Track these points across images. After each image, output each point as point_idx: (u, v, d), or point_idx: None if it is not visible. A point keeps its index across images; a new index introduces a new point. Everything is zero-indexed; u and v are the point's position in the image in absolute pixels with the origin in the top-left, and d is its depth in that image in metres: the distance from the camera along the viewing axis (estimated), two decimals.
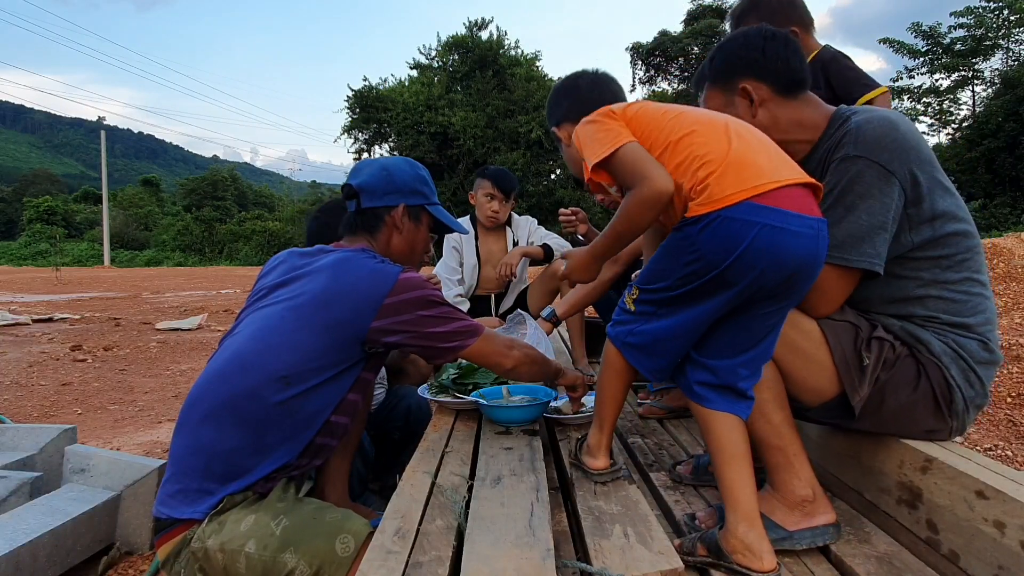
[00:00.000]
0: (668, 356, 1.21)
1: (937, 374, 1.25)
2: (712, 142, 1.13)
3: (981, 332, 1.28)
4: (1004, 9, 19.78)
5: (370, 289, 1.38)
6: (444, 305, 1.46)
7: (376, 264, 1.44)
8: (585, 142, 1.25)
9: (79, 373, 4.78)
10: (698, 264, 1.09)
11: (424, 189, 1.61)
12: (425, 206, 1.62)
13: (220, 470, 1.30)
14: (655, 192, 1.11)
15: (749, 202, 1.05)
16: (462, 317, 1.48)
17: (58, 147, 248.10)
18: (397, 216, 1.56)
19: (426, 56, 27.81)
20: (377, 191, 1.55)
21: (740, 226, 1.05)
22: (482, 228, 3.23)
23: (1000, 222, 16.81)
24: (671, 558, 1.02)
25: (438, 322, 1.44)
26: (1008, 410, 3.05)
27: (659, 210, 1.13)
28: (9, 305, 9.50)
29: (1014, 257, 6.36)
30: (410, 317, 1.40)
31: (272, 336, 1.36)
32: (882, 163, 1.22)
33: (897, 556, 1.18)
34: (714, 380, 1.17)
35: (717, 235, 1.06)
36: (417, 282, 1.43)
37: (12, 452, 2.27)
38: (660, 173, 1.12)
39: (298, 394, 1.34)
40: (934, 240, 1.26)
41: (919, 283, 1.28)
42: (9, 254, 36.61)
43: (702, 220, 1.07)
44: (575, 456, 1.44)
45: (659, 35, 27.11)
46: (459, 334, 1.47)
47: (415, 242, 1.62)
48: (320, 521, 1.25)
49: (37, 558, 1.72)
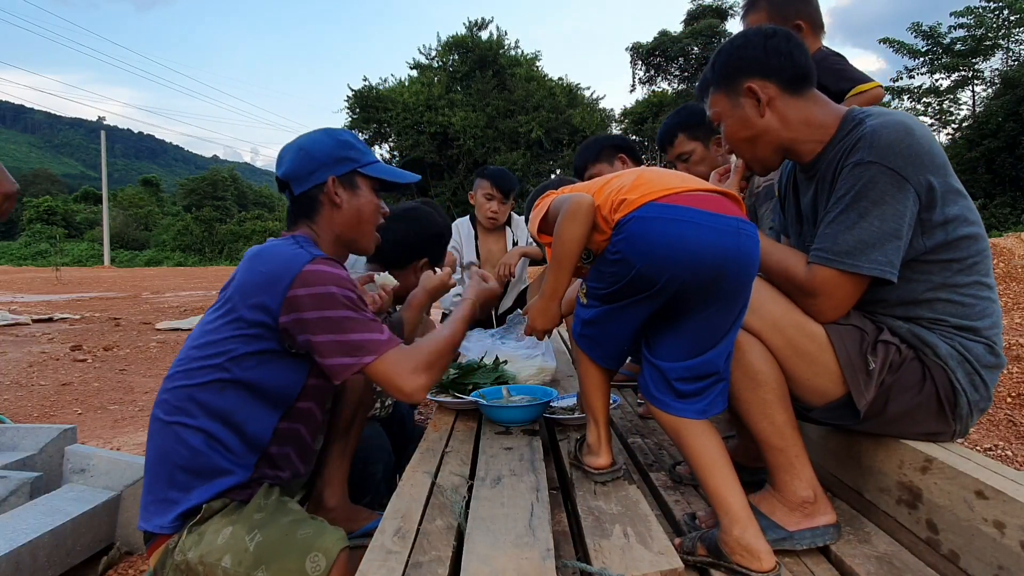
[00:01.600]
0: (612, 344, 1.32)
1: (942, 377, 1.25)
2: (620, 178, 1.27)
3: (988, 336, 1.27)
4: (1004, 9, 19.77)
5: (276, 279, 1.28)
6: (351, 309, 1.28)
7: (290, 250, 1.32)
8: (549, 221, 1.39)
9: (79, 373, 4.78)
10: (620, 264, 1.18)
11: (350, 153, 1.46)
12: (357, 169, 1.46)
13: (182, 479, 1.29)
14: (574, 203, 1.25)
15: (655, 202, 1.16)
16: (368, 328, 1.29)
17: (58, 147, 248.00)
18: (330, 191, 1.43)
19: (426, 56, 27.82)
20: (302, 174, 1.43)
21: (650, 223, 1.15)
22: (482, 228, 3.23)
23: (1000, 222, 16.81)
24: (671, 558, 1.02)
25: (336, 329, 1.26)
26: (1008, 410, 3.05)
27: (584, 221, 1.24)
28: (9, 305, 9.51)
29: (1014, 257, 6.36)
30: (311, 317, 1.26)
31: (207, 336, 1.33)
32: (896, 169, 1.20)
33: (897, 556, 1.18)
34: (663, 379, 1.22)
35: (632, 235, 1.16)
36: (326, 275, 1.27)
37: (12, 452, 2.27)
38: (576, 194, 1.28)
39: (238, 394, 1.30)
40: (946, 244, 1.25)
41: (929, 286, 1.27)
42: (9, 254, 36.61)
43: (619, 226, 1.19)
44: (575, 456, 1.45)
45: (659, 35, 27.07)
46: (358, 349, 1.26)
47: (360, 210, 1.46)
48: (291, 538, 1.21)
49: (37, 558, 1.72)
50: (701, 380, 1.20)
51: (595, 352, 1.36)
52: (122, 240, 36.35)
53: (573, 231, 1.26)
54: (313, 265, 1.28)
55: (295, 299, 1.26)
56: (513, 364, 2.21)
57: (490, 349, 2.34)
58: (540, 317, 1.50)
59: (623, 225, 1.18)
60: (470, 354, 2.33)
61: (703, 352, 1.19)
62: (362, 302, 1.32)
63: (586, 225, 1.25)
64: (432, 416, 1.92)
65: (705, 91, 1.47)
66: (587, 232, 1.26)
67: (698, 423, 1.19)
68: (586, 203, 1.25)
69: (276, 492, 1.35)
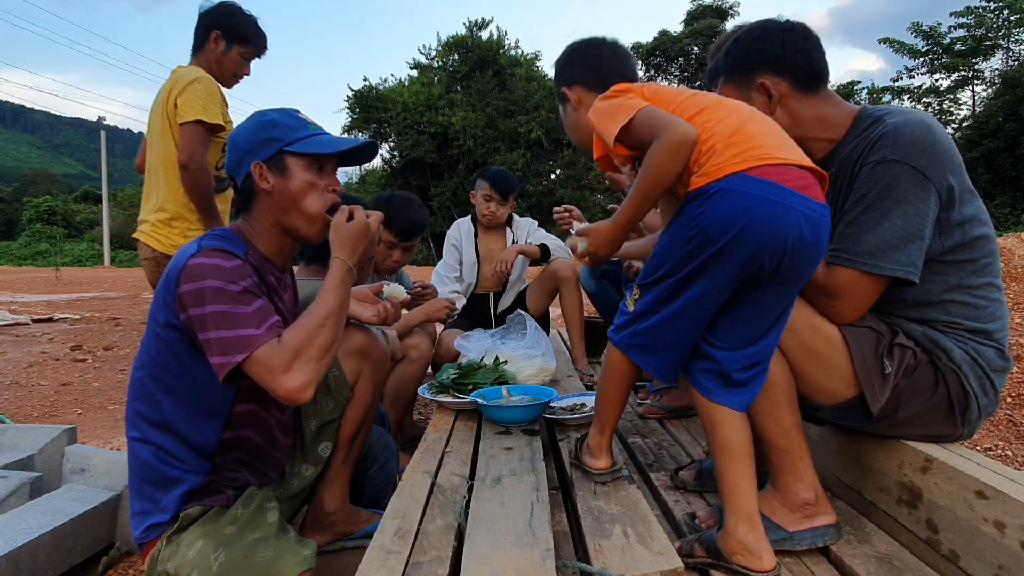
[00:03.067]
0: (673, 351, 1.18)
1: (955, 382, 1.24)
2: (722, 121, 1.11)
3: (998, 339, 1.27)
4: (1004, 9, 19.77)
5: (171, 277, 1.23)
6: (226, 302, 1.18)
7: (188, 245, 1.26)
8: (602, 117, 1.22)
9: (79, 373, 4.78)
10: (697, 240, 1.07)
11: (273, 133, 1.34)
12: (282, 149, 1.34)
13: (147, 491, 1.31)
14: (679, 135, 1.08)
15: (745, 174, 1.04)
16: (243, 322, 1.18)
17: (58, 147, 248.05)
18: (255, 178, 1.33)
19: (426, 56, 27.80)
20: (232, 166, 1.37)
21: (739, 199, 1.04)
22: (482, 227, 3.24)
23: (1000, 222, 16.82)
24: (671, 558, 1.02)
25: (212, 325, 1.17)
26: (1008, 410, 3.05)
27: (685, 155, 1.09)
28: (9, 305, 9.50)
29: (1014, 257, 6.35)
30: (194, 314, 1.19)
31: (142, 346, 1.33)
32: (920, 169, 1.19)
33: (897, 556, 1.18)
34: (716, 369, 1.14)
35: (717, 209, 1.05)
36: (204, 268, 1.20)
37: (12, 452, 2.26)
38: (682, 122, 1.10)
39: (173, 406, 1.29)
40: (963, 244, 1.24)
41: (944, 287, 1.26)
42: (9, 254, 36.58)
43: (701, 195, 1.07)
44: (575, 456, 1.44)
45: (659, 35, 27.07)
46: (230, 346, 1.16)
47: (295, 192, 1.34)
48: (250, 562, 1.18)
49: (37, 558, 1.72)
50: (755, 367, 1.15)
51: (652, 362, 1.20)
52: (122, 240, 36.26)
53: (672, 167, 1.10)
54: (195, 258, 1.21)
55: (181, 296, 1.20)
56: (513, 364, 2.21)
57: (490, 349, 2.34)
58: (605, 244, 1.30)
59: (707, 196, 1.06)
60: (470, 354, 2.33)
61: (761, 338, 1.14)
62: (247, 293, 1.21)
63: (685, 162, 1.10)
64: (432, 416, 1.92)
65: (715, 79, 1.44)
66: (683, 169, 1.12)
67: (737, 415, 1.15)
68: (692, 139, 1.09)
69: (259, 498, 1.33)
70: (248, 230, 1.39)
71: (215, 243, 1.27)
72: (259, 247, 1.39)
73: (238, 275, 1.23)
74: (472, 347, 2.40)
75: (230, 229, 1.38)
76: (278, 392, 1.17)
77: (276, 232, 1.38)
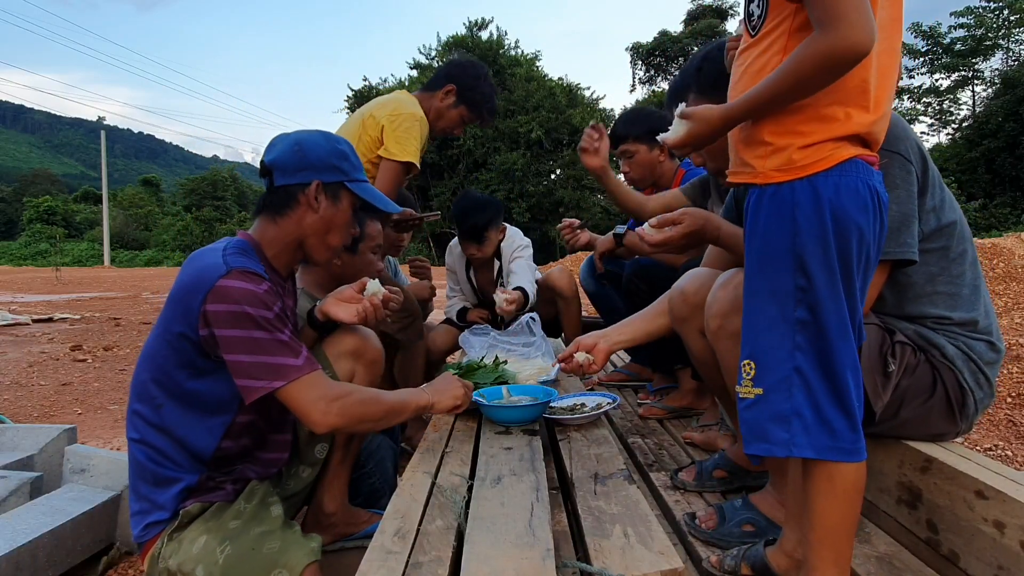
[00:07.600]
0: (855, 393, 0.98)
1: (951, 379, 1.25)
2: (892, 78, 0.98)
3: (986, 328, 1.28)
4: (1004, 9, 19.80)
5: (194, 290, 1.25)
6: (264, 329, 1.24)
7: (212, 259, 1.28)
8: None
9: (79, 373, 4.78)
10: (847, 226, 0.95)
11: (343, 165, 1.43)
12: (345, 183, 1.43)
13: (144, 490, 1.32)
14: (850, 44, 0.86)
15: (861, 161, 0.98)
16: (280, 351, 1.25)
17: (58, 147, 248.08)
18: (311, 194, 1.38)
19: (426, 56, 27.77)
20: (289, 168, 1.39)
21: (863, 184, 0.97)
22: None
23: (1000, 222, 16.82)
24: (671, 558, 1.02)
25: (246, 349, 1.23)
26: (1008, 410, 3.05)
27: (843, 70, 0.90)
28: (9, 305, 9.50)
29: (1014, 257, 6.36)
30: (223, 334, 1.23)
31: (148, 349, 1.34)
32: (900, 152, 1.22)
33: (897, 556, 1.18)
34: (838, 406, 0.97)
35: (846, 191, 0.95)
36: (238, 292, 1.23)
37: (12, 452, 2.26)
38: (867, 21, 0.86)
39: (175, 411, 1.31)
40: (939, 229, 1.26)
41: (927, 277, 1.27)
42: (9, 254, 36.58)
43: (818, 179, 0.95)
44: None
45: (659, 35, 27.11)
46: (267, 372, 1.24)
47: (333, 222, 1.42)
48: (257, 553, 1.20)
49: (37, 558, 1.72)
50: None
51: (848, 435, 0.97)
52: (122, 240, 36.31)
53: (822, 76, 0.90)
54: (227, 280, 1.23)
55: (208, 313, 1.23)
56: (513, 364, 2.21)
57: (490, 349, 2.35)
58: (708, 133, 1.09)
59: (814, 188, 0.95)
60: (470, 354, 2.34)
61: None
62: (279, 321, 1.27)
63: (841, 74, 0.91)
64: (432, 416, 1.92)
65: (681, 95, 1.42)
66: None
67: (851, 466, 0.98)
68: (863, 51, 0.87)
69: (260, 492, 1.35)
70: (263, 237, 1.40)
71: (241, 263, 1.28)
72: (270, 257, 1.40)
73: (270, 301, 1.27)
74: (475, 341, 2.43)
75: (245, 241, 1.39)
76: (311, 418, 1.27)
77: (294, 247, 1.43)
